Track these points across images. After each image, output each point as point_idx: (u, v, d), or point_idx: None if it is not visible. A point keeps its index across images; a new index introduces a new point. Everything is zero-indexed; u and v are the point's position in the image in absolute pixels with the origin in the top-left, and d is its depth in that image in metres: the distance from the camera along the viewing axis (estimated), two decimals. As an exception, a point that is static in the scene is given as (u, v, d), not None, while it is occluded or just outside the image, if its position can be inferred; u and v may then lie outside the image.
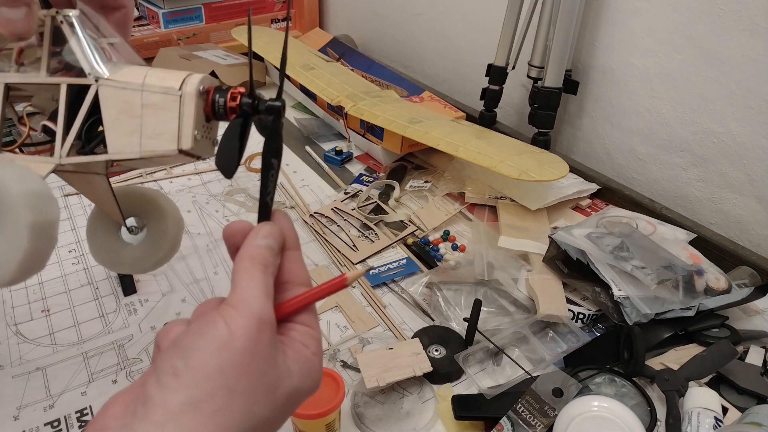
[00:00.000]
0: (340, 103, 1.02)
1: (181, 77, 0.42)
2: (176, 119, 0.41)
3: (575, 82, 0.97)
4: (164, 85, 0.41)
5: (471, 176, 0.92)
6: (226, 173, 0.40)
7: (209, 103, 0.42)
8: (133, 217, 0.57)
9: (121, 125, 0.43)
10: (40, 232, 0.42)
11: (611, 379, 0.59)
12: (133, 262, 0.57)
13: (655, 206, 0.84)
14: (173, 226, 0.55)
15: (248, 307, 0.32)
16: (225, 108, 0.42)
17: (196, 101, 0.41)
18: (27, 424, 0.56)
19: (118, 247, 0.57)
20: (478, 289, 0.72)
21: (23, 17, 0.40)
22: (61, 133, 0.45)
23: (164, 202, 0.56)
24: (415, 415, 0.58)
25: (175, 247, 0.56)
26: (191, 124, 0.41)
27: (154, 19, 1.36)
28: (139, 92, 0.42)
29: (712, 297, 0.65)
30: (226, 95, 0.42)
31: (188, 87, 0.41)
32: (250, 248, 0.34)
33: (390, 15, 1.38)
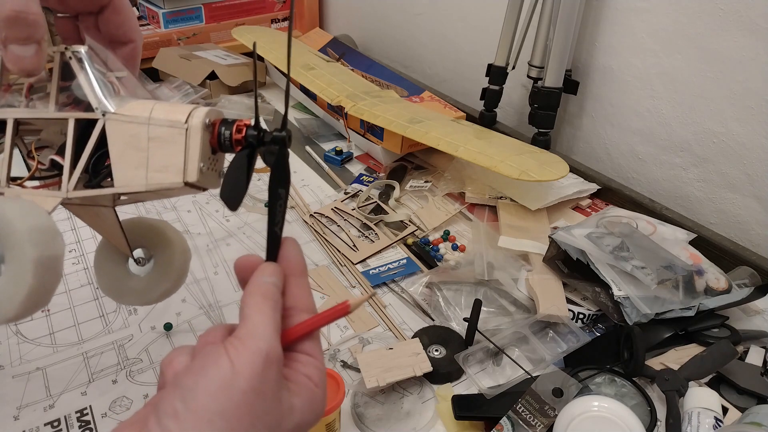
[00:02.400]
0: (340, 103, 1.02)
1: (187, 110, 0.42)
2: (182, 152, 0.42)
3: (575, 82, 0.97)
4: (171, 118, 0.41)
5: (471, 176, 0.92)
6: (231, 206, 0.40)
7: (215, 135, 0.43)
8: (140, 249, 0.56)
9: (128, 159, 0.43)
10: (45, 267, 0.42)
11: (611, 379, 0.59)
12: (139, 294, 0.56)
13: (655, 206, 0.84)
14: (179, 257, 0.55)
15: (257, 343, 0.31)
16: (231, 140, 0.42)
17: (202, 134, 0.41)
18: (27, 424, 0.56)
19: (125, 278, 0.57)
20: (478, 289, 0.72)
21: (33, 54, 0.41)
22: (68, 167, 0.45)
23: (171, 234, 0.56)
24: (415, 415, 0.58)
25: (181, 277, 0.56)
26: (197, 157, 0.42)
27: (154, 19, 1.36)
28: (146, 126, 0.42)
29: (712, 297, 0.65)
30: (232, 128, 0.42)
31: (194, 120, 0.41)
32: (259, 285, 0.35)
33: (390, 15, 1.38)
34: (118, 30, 0.48)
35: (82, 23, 0.49)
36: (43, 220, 0.43)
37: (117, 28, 0.48)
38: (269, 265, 0.37)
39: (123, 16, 0.48)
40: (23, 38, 0.40)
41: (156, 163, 0.42)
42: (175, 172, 0.42)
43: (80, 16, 0.49)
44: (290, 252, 0.38)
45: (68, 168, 0.45)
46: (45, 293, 0.43)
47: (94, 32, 0.49)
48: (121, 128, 0.43)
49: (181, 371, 0.32)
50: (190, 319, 0.69)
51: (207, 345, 0.33)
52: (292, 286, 0.37)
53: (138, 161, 0.43)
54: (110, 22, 0.48)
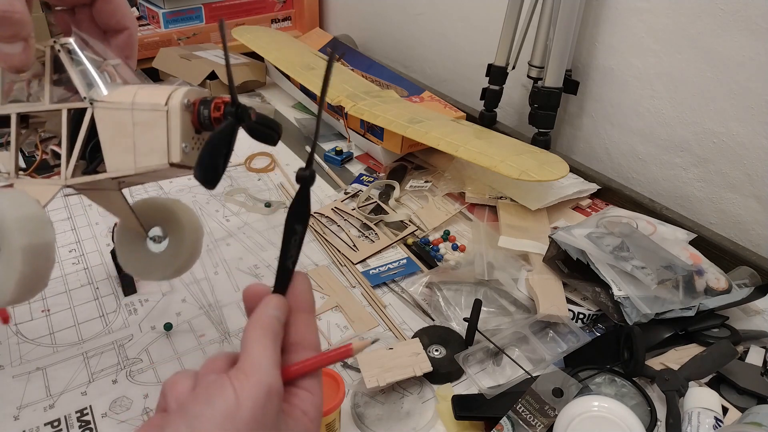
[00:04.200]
0: (340, 103, 1.02)
1: (167, 93, 0.43)
2: (165, 134, 0.43)
3: (575, 82, 0.97)
4: (152, 101, 0.42)
5: (471, 176, 0.92)
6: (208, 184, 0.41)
7: (195, 115, 0.43)
8: (156, 227, 0.58)
9: (117, 144, 0.44)
10: (34, 254, 0.43)
11: (611, 379, 0.59)
12: (157, 270, 0.58)
13: (655, 206, 0.85)
14: (190, 235, 0.56)
15: (260, 376, 0.32)
16: (210, 119, 0.43)
17: (182, 115, 0.42)
18: (27, 424, 0.56)
19: (144, 256, 0.58)
20: (478, 289, 0.72)
21: (20, 52, 0.42)
22: (65, 155, 0.46)
23: (180, 212, 0.57)
24: (415, 415, 0.58)
25: (194, 254, 0.57)
26: (178, 138, 0.43)
27: (155, 19, 1.36)
28: (130, 111, 0.43)
29: (712, 297, 0.65)
30: (210, 106, 0.43)
31: (173, 101, 0.42)
32: (263, 318, 0.36)
33: (390, 15, 1.38)
34: (111, 19, 0.50)
35: (78, 15, 0.51)
36: (31, 210, 0.44)
37: (110, 17, 0.50)
38: (275, 297, 0.37)
39: (114, 4, 0.49)
40: (9, 36, 0.41)
41: (142, 146, 0.43)
42: (160, 155, 0.43)
43: (76, 9, 0.51)
44: (300, 287, 0.38)
45: (65, 157, 0.46)
46: (38, 279, 0.44)
47: (89, 24, 0.51)
48: (108, 115, 0.44)
49: (187, 398, 0.33)
50: (190, 319, 0.69)
51: (210, 374, 0.34)
52: (298, 322, 0.37)
53: (126, 146, 0.44)
54: (103, 11, 0.50)
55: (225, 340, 0.66)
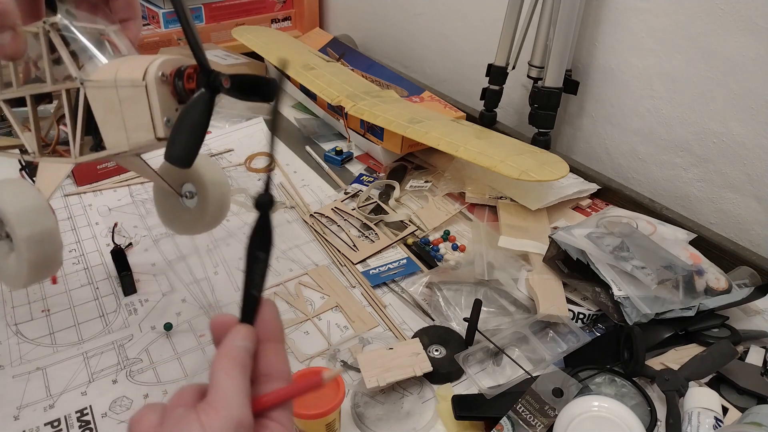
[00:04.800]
0: (340, 103, 1.02)
1: (144, 66, 0.42)
2: (148, 110, 0.43)
3: (575, 82, 0.97)
4: (131, 77, 0.43)
5: (471, 176, 0.92)
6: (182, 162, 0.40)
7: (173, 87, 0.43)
8: (189, 183, 0.59)
9: (109, 122, 0.45)
10: (37, 242, 0.45)
11: (611, 379, 0.59)
12: (191, 225, 0.60)
13: (656, 206, 0.84)
14: (213, 189, 0.57)
15: (228, 410, 0.32)
16: (185, 90, 0.42)
17: (159, 89, 0.42)
18: (27, 424, 0.56)
19: (179, 211, 0.61)
20: (478, 289, 0.72)
21: (10, 40, 0.43)
22: (71, 134, 0.47)
23: (203, 168, 0.57)
24: (415, 415, 0.58)
25: (221, 209, 0.59)
26: (159, 113, 0.43)
27: (154, 19, 1.36)
28: (115, 89, 0.44)
29: (712, 297, 0.65)
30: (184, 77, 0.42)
31: (149, 76, 0.42)
32: (231, 349, 0.34)
33: (390, 15, 1.38)
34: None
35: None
36: (30, 201, 0.46)
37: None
38: (243, 327, 0.36)
39: None
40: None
41: (131, 123, 0.44)
42: (147, 130, 0.44)
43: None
44: (268, 316, 0.37)
45: (71, 136, 0.47)
46: (48, 262, 0.46)
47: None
48: (97, 94, 0.45)
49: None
50: (190, 319, 0.69)
51: (178, 407, 0.33)
52: (268, 353, 0.36)
53: (117, 123, 0.45)
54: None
55: (225, 340, 0.66)
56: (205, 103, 0.40)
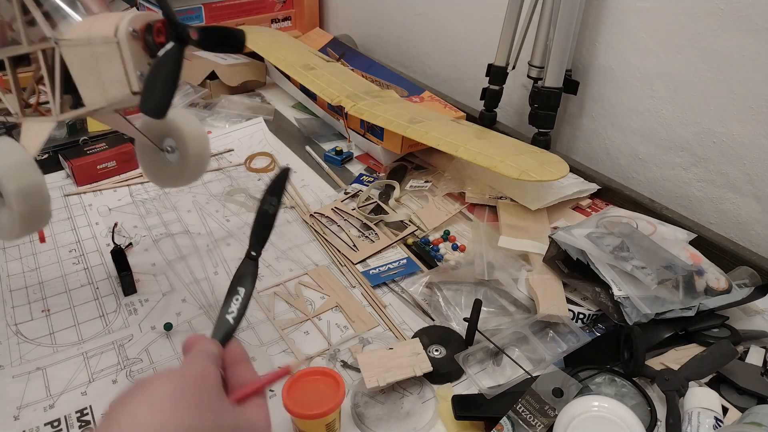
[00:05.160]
0: (340, 103, 1.02)
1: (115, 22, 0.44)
2: (122, 65, 0.44)
3: (575, 82, 0.97)
4: (103, 34, 0.44)
5: (471, 176, 0.92)
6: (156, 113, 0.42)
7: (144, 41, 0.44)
8: (170, 138, 0.61)
9: (86, 79, 0.47)
10: (26, 195, 0.47)
11: (611, 379, 0.59)
12: (172, 178, 0.63)
13: (655, 206, 0.84)
14: (192, 143, 0.58)
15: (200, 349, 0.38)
16: (156, 44, 0.44)
17: (130, 44, 0.44)
18: (27, 424, 0.56)
19: (161, 165, 0.63)
20: (478, 289, 0.72)
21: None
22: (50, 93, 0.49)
23: (181, 122, 0.59)
24: (415, 415, 0.58)
25: (200, 163, 0.60)
26: (132, 67, 0.44)
27: (154, 19, 1.36)
28: (88, 46, 0.45)
29: (712, 297, 0.65)
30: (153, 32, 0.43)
31: (120, 33, 0.44)
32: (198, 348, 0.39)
33: (390, 15, 1.38)
34: None
35: None
36: (16, 157, 0.48)
37: None
38: (209, 339, 0.41)
39: None
40: None
41: (106, 79, 0.46)
42: (122, 85, 0.45)
43: None
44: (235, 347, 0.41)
45: (51, 95, 0.49)
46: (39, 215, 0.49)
47: None
48: (72, 52, 0.46)
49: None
50: (190, 319, 0.69)
51: None
52: (238, 370, 0.40)
53: (94, 80, 0.46)
54: None
55: (225, 340, 0.66)
56: (175, 56, 0.43)
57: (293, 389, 0.52)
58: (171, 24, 0.42)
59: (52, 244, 0.81)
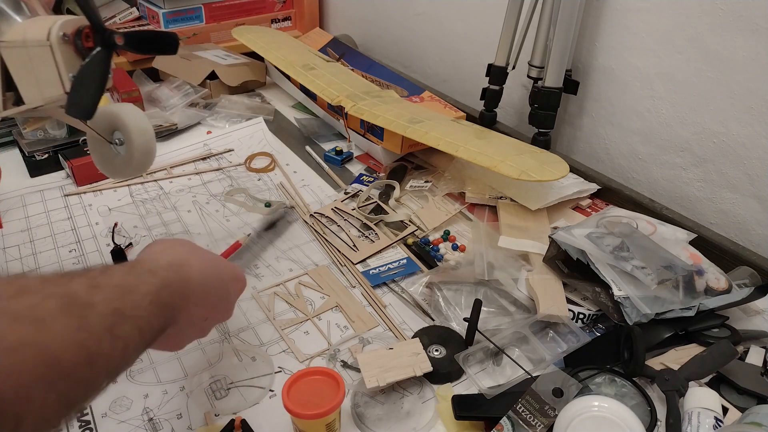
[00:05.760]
0: (340, 103, 1.02)
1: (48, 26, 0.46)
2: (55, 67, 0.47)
3: (575, 82, 0.97)
4: (37, 38, 0.46)
5: (471, 176, 0.92)
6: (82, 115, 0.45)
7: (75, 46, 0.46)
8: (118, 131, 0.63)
9: (23, 79, 0.49)
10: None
11: (611, 379, 0.59)
12: (120, 170, 0.66)
13: (656, 206, 0.84)
14: (137, 137, 0.61)
15: None
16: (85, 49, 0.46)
17: (62, 48, 0.46)
18: (27, 424, 0.56)
19: (111, 157, 0.66)
20: (478, 289, 0.72)
21: None
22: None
23: (126, 116, 0.61)
24: (415, 415, 0.58)
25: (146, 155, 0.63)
26: (65, 69, 0.47)
27: (155, 19, 1.36)
28: (25, 49, 0.47)
29: (712, 297, 0.65)
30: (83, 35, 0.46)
31: (52, 37, 0.46)
32: None
33: (390, 15, 1.38)
34: None
35: None
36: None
37: None
38: None
39: None
40: None
41: (43, 79, 0.48)
42: (56, 86, 0.48)
43: None
44: None
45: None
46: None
47: None
48: (11, 53, 0.48)
49: None
50: (190, 319, 0.69)
51: None
52: None
53: (31, 80, 0.49)
54: None
55: (225, 340, 0.66)
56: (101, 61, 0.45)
57: (293, 389, 0.52)
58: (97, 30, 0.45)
59: (52, 244, 0.81)
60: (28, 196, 0.91)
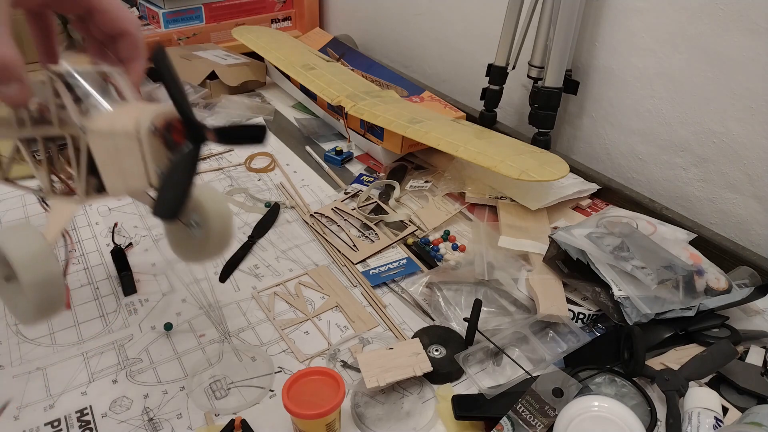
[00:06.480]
0: (340, 103, 1.02)
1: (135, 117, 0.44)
2: (141, 160, 0.45)
3: (575, 82, 0.97)
4: (125, 129, 0.44)
5: (471, 176, 0.92)
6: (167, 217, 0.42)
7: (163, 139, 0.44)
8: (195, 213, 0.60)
9: (108, 168, 0.47)
10: (40, 287, 0.47)
11: (611, 379, 0.59)
12: (195, 254, 0.61)
13: (656, 206, 0.84)
14: (215, 223, 0.58)
15: None
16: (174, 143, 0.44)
17: (149, 142, 0.44)
18: (27, 424, 0.56)
19: (185, 239, 0.62)
20: (478, 289, 0.72)
21: (17, 91, 0.45)
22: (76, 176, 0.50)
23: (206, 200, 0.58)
24: (415, 415, 0.58)
25: (223, 240, 0.59)
26: (152, 163, 0.44)
27: (155, 19, 1.36)
28: (111, 138, 0.45)
29: (712, 297, 0.65)
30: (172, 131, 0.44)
31: (141, 129, 0.44)
32: None
33: (390, 15, 1.38)
34: (109, 27, 0.51)
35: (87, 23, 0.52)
36: (34, 247, 0.47)
37: (108, 26, 0.51)
38: None
39: (109, 14, 0.50)
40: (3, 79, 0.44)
41: (128, 170, 0.46)
42: (142, 178, 0.45)
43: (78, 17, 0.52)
44: None
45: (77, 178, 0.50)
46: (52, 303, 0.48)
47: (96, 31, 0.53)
48: (97, 142, 0.46)
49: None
50: (190, 319, 0.69)
51: None
52: None
53: (117, 170, 0.47)
54: (100, 21, 0.51)
55: (225, 340, 0.66)
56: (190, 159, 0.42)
57: (293, 389, 0.52)
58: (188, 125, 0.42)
59: (52, 244, 0.81)
60: (28, 196, 0.91)
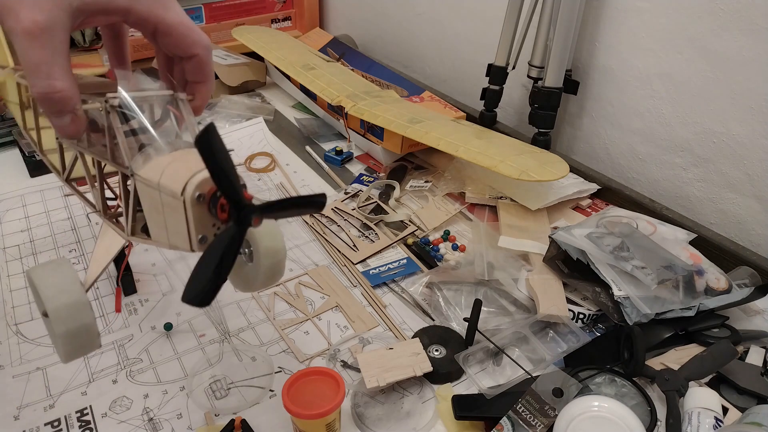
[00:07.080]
0: (340, 103, 1.02)
1: (185, 179, 0.41)
2: (185, 222, 0.42)
3: (575, 82, 0.97)
4: (172, 188, 0.42)
5: (471, 176, 0.92)
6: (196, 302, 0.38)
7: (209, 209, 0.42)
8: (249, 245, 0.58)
9: (154, 217, 0.46)
10: (74, 336, 0.47)
11: (611, 379, 0.59)
12: (246, 283, 0.59)
13: (656, 206, 0.84)
14: (266, 259, 0.56)
15: None
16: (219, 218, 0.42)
17: (195, 208, 0.41)
18: (27, 424, 0.56)
19: (238, 267, 0.59)
20: (478, 289, 0.72)
21: (69, 123, 0.45)
22: (124, 213, 0.49)
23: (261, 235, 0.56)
24: (415, 415, 0.58)
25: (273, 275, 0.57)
26: (194, 230, 0.42)
27: (154, 19, 1.36)
28: (158, 192, 0.43)
29: (712, 297, 0.65)
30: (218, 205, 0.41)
31: (187, 193, 0.41)
32: None
33: (390, 15, 1.38)
34: (176, 49, 0.49)
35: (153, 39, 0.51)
36: (71, 298, 0.47)
37: (175, 48, 0.49)
38: None
39: (175, 37, 0.48)
40: (56, 112, 0.44)
41: (171, 227, 0.44)
42: (184, 239, 0.43)
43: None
44: None
45: (124, 214, 0.49)
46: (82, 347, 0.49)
47: None
48: (144, 189, 0.45)
49: None
50: (190, 319, 0.69)
51: None
52: None
53: (160, 222, 0.45)
54: (166, 44, 0.49)
55: (225, 340, 0.66)
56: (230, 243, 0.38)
57: (293, 389, 0.52)
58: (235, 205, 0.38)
59: (53, 243, 0.81)
60: (28, 196, 0.91)
